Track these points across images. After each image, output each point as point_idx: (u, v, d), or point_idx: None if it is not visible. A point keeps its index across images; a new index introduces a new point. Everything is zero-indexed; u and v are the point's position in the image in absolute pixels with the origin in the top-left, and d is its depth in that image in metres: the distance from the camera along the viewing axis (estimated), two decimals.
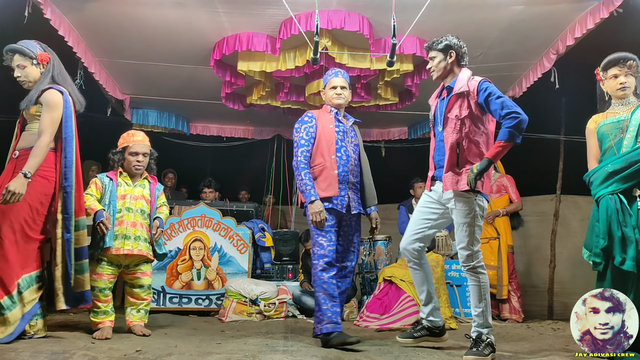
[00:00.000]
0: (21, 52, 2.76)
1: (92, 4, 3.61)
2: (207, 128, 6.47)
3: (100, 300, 3.05)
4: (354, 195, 3.11)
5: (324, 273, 2.91)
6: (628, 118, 2.69)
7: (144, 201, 3.26)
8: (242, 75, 4.56)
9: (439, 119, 2.78)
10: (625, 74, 2.72)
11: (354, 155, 3.14)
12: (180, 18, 3.81)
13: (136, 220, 3.19)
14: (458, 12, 3.74)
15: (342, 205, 3.03)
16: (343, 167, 3.06)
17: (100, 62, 4.46)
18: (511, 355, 2.65)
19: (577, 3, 3.56)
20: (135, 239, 3.15)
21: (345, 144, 3.11)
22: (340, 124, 3.16)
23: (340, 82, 3.19)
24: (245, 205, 5.55)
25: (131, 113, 5.63)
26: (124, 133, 3.37)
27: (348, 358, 2.47)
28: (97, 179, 3.23)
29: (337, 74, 3.25)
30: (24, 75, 2.78)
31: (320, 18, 3.21)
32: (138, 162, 3.23)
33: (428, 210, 2.84)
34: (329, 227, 2.99)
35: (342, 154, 3.07)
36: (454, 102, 2.70)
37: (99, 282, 3.06)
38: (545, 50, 4.21)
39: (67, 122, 2.77)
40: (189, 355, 2.39)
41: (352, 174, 3.10)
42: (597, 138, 2.82)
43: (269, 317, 4.27)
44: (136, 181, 3.28)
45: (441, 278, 4.15)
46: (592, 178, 2.75)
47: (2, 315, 2.55)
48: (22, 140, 2.76)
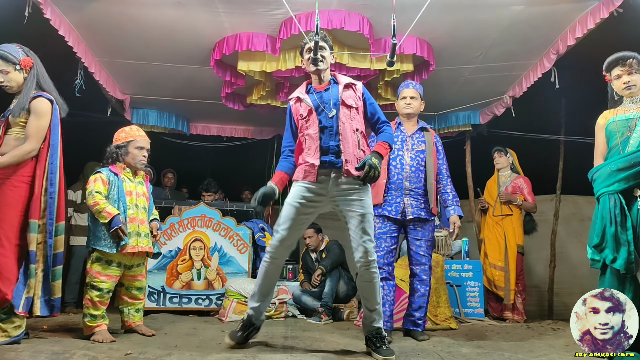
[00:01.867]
0: (4, 58, 2.74)
1: (92, 4, 3.61)
2: (207, 128, 6.47)
3: (103, 303, 2.98)
4: (411, 200, 3.24)
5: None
6: (637, 117, 2.68)
7: (145, 198, 3.26)
8: (242, 75, 4.56)
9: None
10: (627, 73, 2.73)
11: (411, 163, 3.28)
12: (180, 18, 3.80)
13: (143, 217, 3.18)
14: (458, 12, 3.74)
15: (396, 211, 3.23)
16: (397, 175, 3.26)
17: (100, 62, 4.46)
18: (511, 355, 2.64)
19: (577, 3, 3.56)
20: (145, 236, 3.15)
21: (402, 152, 3.30)
22: (402, 132, 3.34)
23: (409, 93, 3.44)
24: (245, 205, 5.55)
25: (131, 113, 5.63)
26: (119, 129, 3.31)
27: (348, 358, 2.48)
28: (102, 174, 3.08)
29: (408, 85, 3.49)
30: (7, 81, 2.78)
31: (320, 18, 3.20)
32: (144, 156, 3.22)
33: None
34: (380, 233, 3.21)
35: (397, 162, 3.27)
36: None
37: (108, 283, 2.99)
38: (545, 50, 4.21)
39: (54, 129, 2.79)
40: (189, 355, 2.39)
41: (408, 180, 3.25)
42: (605, 135, 2.78)
43: (269, 317, 4.27)
44: (136, 177, 3.24)
45: (441, 278, 4.15)
46: (595, 175, 2.74)
47: (10, 318, 2.57)
48: (6, 145, 2.74)
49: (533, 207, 4.72)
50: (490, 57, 4.40)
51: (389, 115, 5.62)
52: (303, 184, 2.66)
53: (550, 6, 3.62)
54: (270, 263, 2.69)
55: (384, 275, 3.20)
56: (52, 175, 2.74)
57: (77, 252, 4.99)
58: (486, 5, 3.65)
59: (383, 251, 3.21)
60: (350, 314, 4.45)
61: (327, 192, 2.64)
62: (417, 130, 3.39)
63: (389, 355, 2.46)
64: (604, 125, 2.80)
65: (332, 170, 2.62)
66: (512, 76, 4.79)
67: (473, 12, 3.73)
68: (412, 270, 3.34)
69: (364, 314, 2.67)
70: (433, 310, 3.98)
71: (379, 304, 2.64)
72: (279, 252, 2.67)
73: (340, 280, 4.64)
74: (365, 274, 2.62)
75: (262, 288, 2.73)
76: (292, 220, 2.63)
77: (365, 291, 2.64)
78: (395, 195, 3.25)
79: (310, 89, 2.79)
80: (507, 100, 5.04)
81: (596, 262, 2.67)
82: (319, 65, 2.72)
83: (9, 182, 2.65)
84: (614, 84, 2.81)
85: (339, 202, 2.65)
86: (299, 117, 2.73)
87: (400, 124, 3.42)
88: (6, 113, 2.77)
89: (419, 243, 3.27)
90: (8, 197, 2.63)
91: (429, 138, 3.37)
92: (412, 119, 3.44)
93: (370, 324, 2.62)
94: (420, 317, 3.30)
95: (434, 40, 4.15)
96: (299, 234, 2.74)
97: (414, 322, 3.30)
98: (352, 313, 4.45)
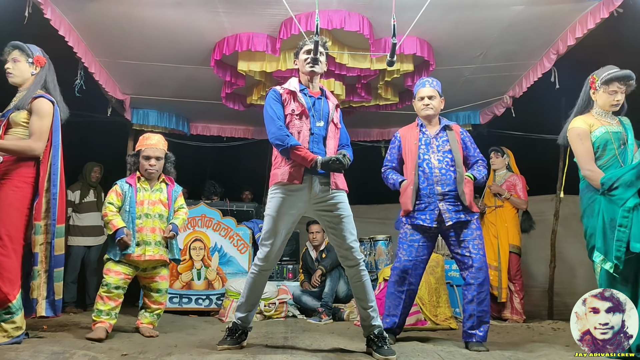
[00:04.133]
0: (20, 48, 2.83)
1: (92, 4, 3.61)
2: (207, 128, 6.47)
3: (111, 299, 3.06)
4: (448, 205, 2.95)
5: (393, 285, 3.06)
6: (623, 131, 2.78)
7: (162, 205, 3.29)
8: (242, 75, 4.56)
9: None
10: (622, 92, 2.78)
11: (439, 165, 3.01)
12: (180, 18, 3.80)
13: (155, 225, 3.22)
14: (458, 12, 3.74)
15: (431, 219, 2.97)
16: (427, 180, 3.00)
17: (100, 62, 4.46)
18: (511, 355, 2.64)
19: (577, 3, 3.56)
20: (155, 244, 3.19)
21: (428, 155, 3.04)
22: (425, 135, 3.11)
23: (427, 92, 3.13)
24: (246, 205, 5.56)
25: (131, 113, 5.62)
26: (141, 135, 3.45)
27: (348, 358, 2.48)
28: (118, 186, 3.26)
29: (424, 83, 3.18)
30: (14, 69, 2.82)
31: (320, 18, 3.20)
32: (150, 166, 3.27)
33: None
34: (412, 241, 3.03)
35: (424, 167, 3.02)
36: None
37: (115, 279, 3.08)
38: (545, 50, 4.21)
39: (56, 131, 2.81)
40: (189, 355, 2.39)
41: (440, 184, 2.98)
42: (591, 142, 2.79)
43: (269, 317, 4.27)
44: (154, 185, 3.32)
45: (441, 278, 4.15)
46: (617, 183, 2.60)
47: (12, 318, 2.58)
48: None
49: (523, 203, 4.76)
50: (490, 57, 4.40)
51: (389, 115, 5.64)
52: (285, 192, 2.62)
53: (550, 6, 3.62)
54: (258, 274, 2.70)
55: (411, 288, 3.03)
56: (54, 176, 2.75)
57: (73, 252, 4.99)
58: (486, 5, 3.65)
59: (412, 261, 3.00)
60: (350, 314, 4.44)
61: (308, 197, 2.64)
62: (440, 130, 3.12)
63: (390, 355, 2.45)
64: (590, 132, 2.80)
65: (314, 175, 2.63)
66: (512, 76, 4.79)
67: (473, 12, 3.73)
68: (461, 276, 3.03)
69: (361, 315, 2.67)
70: (433, 311, 3.99)
71: (374, 301, 2.65)
72: (267, 265, 2.69)
73: (340, 280, 4.64)
74: (356, 275, 2.63)
75: (249, 299, 2.72)
76: (278, 234, 2.64)
77: (359, 291, 2.64)
78: (429, 202, 2.97)
79: (303, 89, 2.79)
80: (507, 100, 5.04)
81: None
82: (316, 67, 2.73)
83: (11, 183, 2.65)
84: (602, 95, 2.81)
85: (320, 206, 2.65)
86: (289, 112, 2.70)
87: (422, 125, 3.15)
88: (6, 113, 2.77)
89: (464, 244, 2.95)
90: (10, 197, 2.64)
91: (453, 136, 3.11)
92: (434, 119, 3.17)
93: (370, 324, 2.61)
94: (473, 327, 2.89)
95: (434, 40, 4.15)
96: (285, 243, 2.74)
97: (466, 332, 2.93)
98: (352, 313, 4.45)
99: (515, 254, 4.68)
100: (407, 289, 3.03)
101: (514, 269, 4.64)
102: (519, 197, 4.74)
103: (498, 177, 4.94)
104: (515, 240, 4.70)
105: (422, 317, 3.92)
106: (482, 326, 2.90)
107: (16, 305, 2.58)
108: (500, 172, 4.93)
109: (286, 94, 2.76)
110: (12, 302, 2.56)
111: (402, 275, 3.02)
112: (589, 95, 2.88)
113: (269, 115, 2.69)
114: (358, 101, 5.05)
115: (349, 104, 5.10)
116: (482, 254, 2.96)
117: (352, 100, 5.00)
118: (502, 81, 4.90)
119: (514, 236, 4.70)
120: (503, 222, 4.73)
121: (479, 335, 2.88)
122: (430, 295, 4.03)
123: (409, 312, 3.16)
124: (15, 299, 2.57)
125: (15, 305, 2.58)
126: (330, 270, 4.61)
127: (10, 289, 2.56)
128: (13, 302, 2.56)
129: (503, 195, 4.74)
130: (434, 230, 3.02)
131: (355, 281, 2.65)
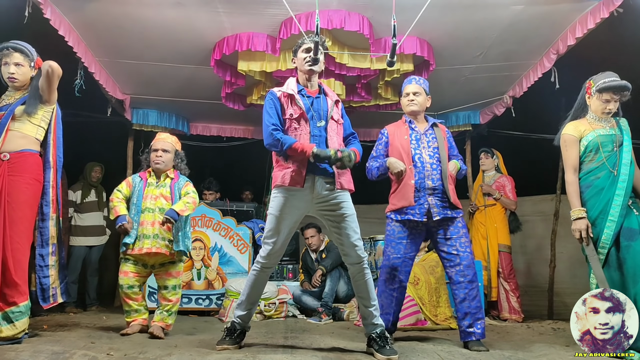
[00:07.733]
0: (24, 52, 2.85)
1: (92, 4, 3.61)
2: (207, 128, 6.47)
3: (130, 298, 3.18)
4: (436, 200, 2.98)
5: (384, 283, 3.04)
6: (618, 133, 2.81)
7: (163, 199, 3.30)
8: (242, 75, 4.56)
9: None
10: (615, 101, 2.83)
11: (430, 160, 3.05)
12: (180, 18, 3.80)
13: (155, 219, 3.23)
14: (458, 12, 3.74)
15: (420, 213, 2.97)
16: (419, 174, 3.02)
17: (100, 62, 4.45)
18: (511, 355, 2.65)
19: (577, 3, 3.56)
20: (154, 237, 3.19)
21: (420, 150, 3.08)
22: (414, 131, 3.14)
23: (412, 89, 3.18)
24: (246, 205, 5.56)
25: (131, 113, 5.62)
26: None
27: (348, 358, 2.48)
28: (130, 177, 3.42)
29: (410, 80, 3.24)
30: (19, 74, 2.85)
31: (320, 18, 3.20)
32: (157, 157, 3.35)
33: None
34: (400, 238, 3.02)
35: (416, 161, 3.05)
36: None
37: (125, 279, 3.18)
38: (545, 50, 4.21)
39: (58, 124, 2.96)
40: (189, 355, 2.39)
41: (430, 179, 3.01)
42: (578, 148, 2.87)
43: (269, 317, 4.27)
44: (160, 180, 3.38)
45: (441, 278, 4.15)
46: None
47: (23, 317, 2.63)
48: (11, 142, 2.74)
49: (512, 204, 4.83)
50: (490, 57, 4.40)
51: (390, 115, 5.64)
52: (287, 193, 2.63)
53: (550, 6, 3.62)
54: (260, 271, 2.70)
55: (401, 285, 3.03)
56: (59, 168, 2.94)
57: (75, 252, 4.99)
58: (486, 5, 3.65)
59: (400, 258, 3.00)
60: (350, 314, 4.45)
61: (311, 197, 2.64)
62: (429, 127, 3.18)
63: (391, 354, 2.45)
64: (578, 139, 2.88)
65: (316, 175, 2.63)
66: (512, 76, 4.79)
67: (473, 12, 3.73)
68: (448, 275, 3.04)
69: (363, 313, 2.66)
70: (433, 310, 3.99)
71: (375, 300, 2.66)
72: (269, 262, 2.70)
73: (341, 280, 4.65)
74: (359, 273, 2.64)
75: (249, 297, 2.73)
76: (280, 232, 2.64)
77: (361, 290, 2.65)
78: (419, 196, 2.99)
79: (301, 89, 2.78)
80: (507, 100, 5.04)
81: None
82: (315, 66, 2.73)
83: (23, 180, 2.70)
84: (596, 102, 2.87)
85: (323, 206, 2.65)
86: (288, 116, 2.70)
87: (411, 122, 3.19)
88: (4, 107, 2.77)
89: (451, 242, 2.97)
90: (25, 194, 2.70)
91: (440, 133, 3.18)
92: (420, 116, 3.22)
93: (372, 323, 2.61)
94: (470, 325, 2.88)
95: (434, 40, 4.15)
96: (287, 242, 2.73)
97: (463, 332, 2.92)
98: (352, 313, 4.45)
99: (506, 253, 4.74)
100: (398, 286, 3.02)
101: (507, 268, 4.70)
102: (509, 198, 4.79)
103: (487, 178, 5.02)
104: (505, 239, 4.79)
105: (422, 317, 3.93)
106: (478, 322, 2.90)
107: (29, 304, 2.67)
108: (490, 173, 5.01)
109: (284, 97, 2.75)
110: (27, 301, 2.65)
111: (392, 272, 3.01)
112: (584, 99, 2.93)
113: (263, 121, 2.70)
114: (358, 101, 5.05)
115: (349, 104, 5.09)
116: (470, 251, 3.00)
117: (352, 100, 5.00)
118: (502, 81, 4.90)
119: (503, 236, 4.79)
120: (492, 222, 4.82)
121: (477, 333, 2.88)
122: (430, 295, 4.03)
123: (401, 308, 3.16)
124: (28, 297, 2.66)
125: (28, 304, 2.67)
126: (331, 270, 4.61)
127: (25, 287, 2.65)
128: (27, 301, 2.65)
129: (494, 196, 4.79)
130: (421, 227, 3.03)
131: (358, 279, 2.64)
